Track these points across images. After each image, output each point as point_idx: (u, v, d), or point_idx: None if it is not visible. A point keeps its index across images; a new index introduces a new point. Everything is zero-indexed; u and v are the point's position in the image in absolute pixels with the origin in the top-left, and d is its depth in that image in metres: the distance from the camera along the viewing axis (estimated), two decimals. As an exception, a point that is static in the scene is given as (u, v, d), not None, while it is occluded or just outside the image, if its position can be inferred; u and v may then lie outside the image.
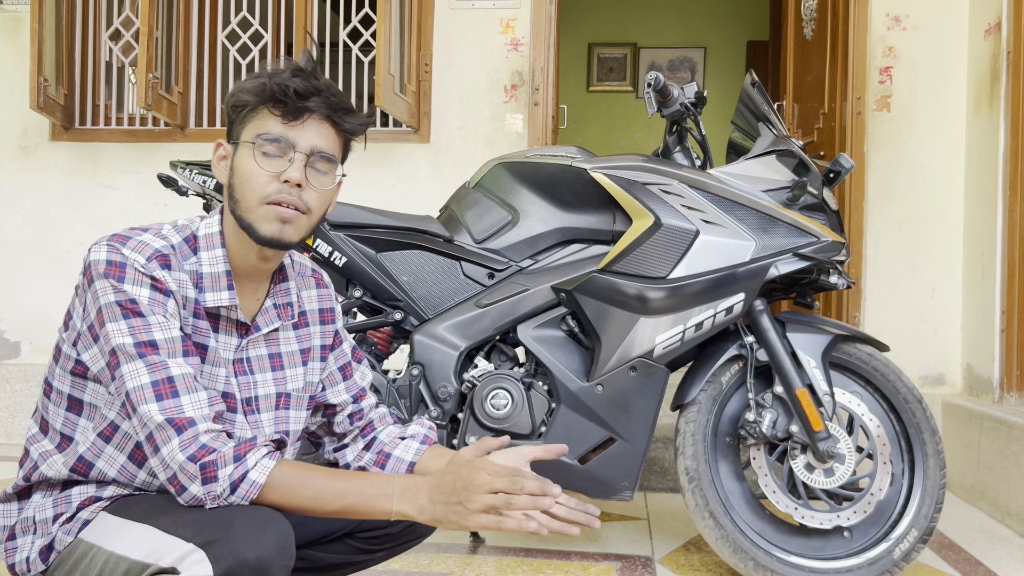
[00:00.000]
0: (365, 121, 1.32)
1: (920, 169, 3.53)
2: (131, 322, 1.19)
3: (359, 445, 1.50)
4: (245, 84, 1.27)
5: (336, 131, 1.29)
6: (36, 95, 3.58)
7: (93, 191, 3.87)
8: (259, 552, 1.09)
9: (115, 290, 1.19)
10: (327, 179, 1.29)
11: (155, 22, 3.51)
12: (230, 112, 1.30)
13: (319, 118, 1.27)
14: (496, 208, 2.28)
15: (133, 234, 1.25)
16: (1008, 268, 3.09)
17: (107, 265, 1.20)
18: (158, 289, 1.22)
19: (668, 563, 2.32)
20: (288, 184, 1.24)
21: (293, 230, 1.26)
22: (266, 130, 1.25)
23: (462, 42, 3.77)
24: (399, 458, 1.46)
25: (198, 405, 1.18)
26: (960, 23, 3.52)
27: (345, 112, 1.29)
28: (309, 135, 1.26)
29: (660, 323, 2.09)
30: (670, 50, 6.81)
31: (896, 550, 2.09)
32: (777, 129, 2.21)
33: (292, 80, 1.24)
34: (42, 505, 1.29)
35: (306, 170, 1.25)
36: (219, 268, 1.29)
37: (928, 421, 2.14)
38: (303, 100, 1.24)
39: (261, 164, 1.24)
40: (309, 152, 1.26)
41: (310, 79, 1.25)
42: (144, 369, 1.17)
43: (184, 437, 1.15)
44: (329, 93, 1.26)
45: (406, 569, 2.18)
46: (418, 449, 1.46)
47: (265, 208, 1.25)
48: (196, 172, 2.28)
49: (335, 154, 1.30)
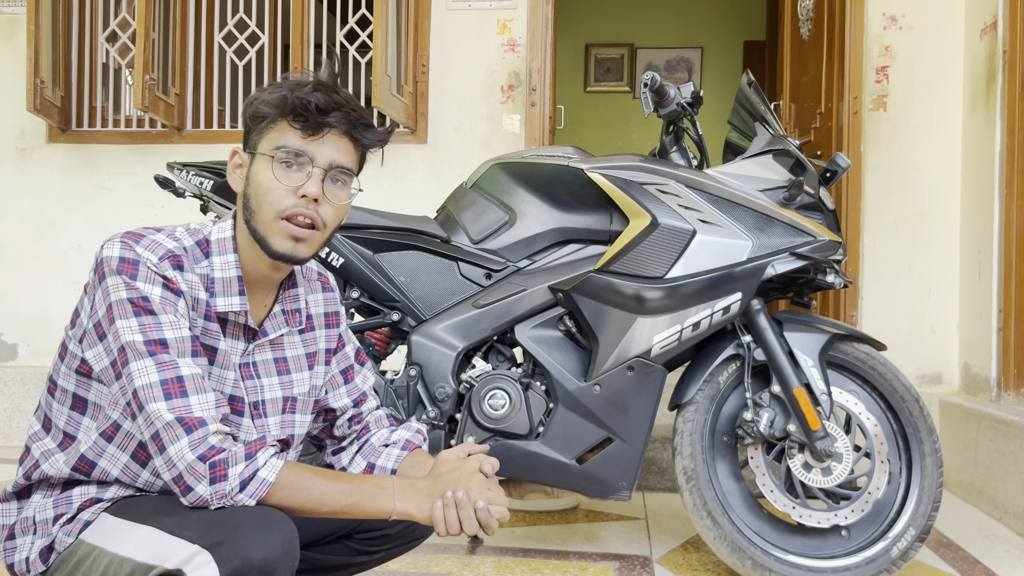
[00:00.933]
0: (384, 136, 1.33)
1: (917, 168, 3.53)
2: (142, 320, 1.19)
3: (354, 449, 1.51)
4: (265, 96, 1.27)
5: (355, 146, 1.30)
6: (33, 97, 3.58)
7: (90, 193, 3.86)
8: (265, 554, 1.09)
9: (127, 287, 1.20)
10: (344, 193, 1.30)
11: (151, 23, 3.51)
12: (248, 121, 1.30)
13: (338, 133, 1.27)
14: (493, 208, 2.28)
15: (147, 233, 1.25)
16: (1005, 267, 3.09)
17: (120, 262, 1.21)
18: (170, 289, 1.22)
19: (666, 563, 2.32)
20: (305, 199, 1.25)
21: (306, 248, 1.28)
22: (285, 143, 1.25)
23: (459, 43, 3.77)
24: (381, 467, 1.47)
25: (206, 406, 1.19)
26: (956, 22, 3.52)
27: (365, 127, 1.29)
28: (328, 149, 1.26)
29: (657, 323, 2.09)
30: (667, 50, 6.81)
31: (894, 549, 2.09)
32: (774, 129, 2.21)
33: (313, 95, 1.23)
34: (42, 505, 1.29)
35: (323, 184, 1.26)
36: (231, 273, 1.29)
37: (925, 420, 2.14)
38: (324, 115, 1.24)
39: (279, 177, 1.25)
40: (327, 167, 1.26)
41: (331, 94, 1.25)
42: (154, 367, 1.18)
43: (194, 437, 1.16)
44: (349, 108, 1.27)
45: (404, 570, 2.18)
46: (398, 456, 1.47)
47: (280, 224, 1.25)
48: (193, 174, 2.28)
49: (353, 168, 1.30)
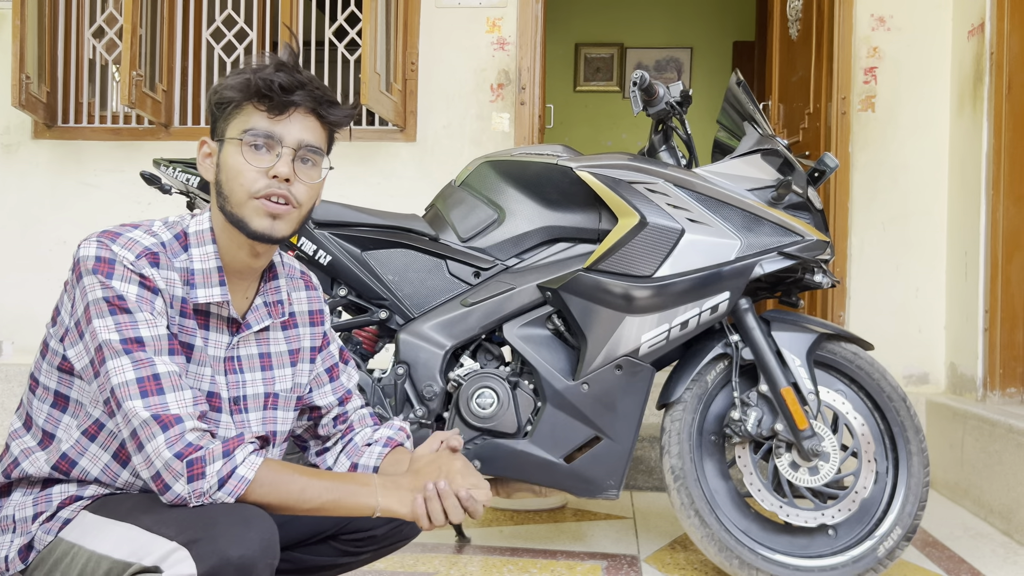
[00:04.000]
0: (349, 113, 1.33)
1: (904, 169, 3.55)
2: (118, 318, 1.19)
3: (338, 448, 1.51)
4: (228, 81, 1.27)
5: (321, 123, 1.30)
6: (18, 92, 3.55)
7: (76, 189, 3.83)
8: (243, 551, 1.08)
9: (103, 286, 1.19)
10: (315, 172, 1.30)
11: (139, 19, 3.48)
12: (214, 109, 1.29)
13: (304, 111, 1.27)
14: (482, 207, 2.27)
15: (123, 231, 1.25)
16: (991, 268, 3.11)
17: (96, 261, 1.20)
18: (146, 287, 1.22)
19: (654, 562, 2.32)
20: (277, 179, 1.25)
21: (284, 224, 1.27)
22: (252, 126, 1.25)
23: (448, 41, 3.76)
24: (364, 465, 1.46)
25: (183, 403, 1.18)
26: (944, 24, 3.54)
27: (330, 104, 1.29)
28: (295, 129, 1.26)
29: (646, 322, 2.09)
30: (657, 50, 6.82)
31: (880, 548, 2.10)
32: (762, 128, 2.21)
33: (276, 75, 1.24)
34: (22, 503, 1.28)
35: (294, 164, 1.26)
36: (211, 264, 1.29)
37: (912, 419, 2.15)
38: (288, 94, 1.25)
39: (249, 160, 1.25)
40: (296, 146, 1.26)
41: (293, 73, 1.26)
42: (130, 365, 1.17)
43: (170, 434, 1.15)
44: (313, 86, 1.27)
45: (391, 569, 2.17)
46: (380, 453, 1.47)
47: (254, 203, 1.25)
48: (179, 170, 2.26)
49: (321, 146, 1.31)
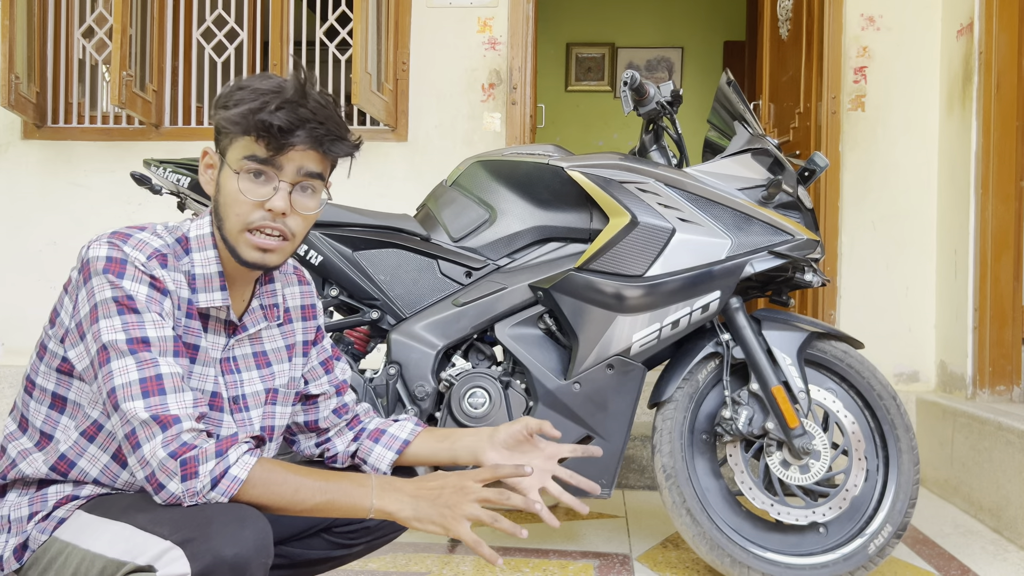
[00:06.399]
0: (351, 149, 1.29)
1: (894, 168, 3.56)
2: (125, 318, 1.18)
3: (348, 435, 1.52)
4: (230, 112, 1.22)
5: (323, 156, 1.27)
6: (7, 92, 3.53)
7: (66, 190, 3.82)
8: (237, 550, 1.08)
9: (112, 286, 1.19)
10: (313, 202, 1.27)
11: (129, 19, 3.47)
12: (216, 124, 1.27)
13: (305, 147, 1.24)
14: (473, 207, 2.28)
15: (133, 232, 1.25)
16: (981, 266, 3.13)
17: (107, 261, 1.20)
18: (156, 288, 1.22)
19: (646, 560, 2.32)
20: (272, 212, 1.23)
21: (276, 256, 1.27)
22: (251, 153, 1.22)
23: (440, 41, 3.76)
24: (394, 435, 1.48)
25: (183, 404, 1.18)
26: (933, 24, 3.55)
27: (332, 141, 1.25)
28: (295, 162, 1.24)
29: (637, 321, 2.09)
30: (648, 50, 6.83)
31: (871, 545, 2.11)
32: (753, 128, 2.22)
33: (276, 116, 1.19)
34: (17, 503, 1.27)
35: (292, 195, 1.24)
36: (211, 269, 1.29)
37: (902, 418, 2.16)
38: (288, 136, 1.21)
39: (245, 191, 1.23)
40: (294, 180, 1.24)
41: (296, 110, 1.21)
42: (134, 366, 1.17)
43: (167, 434, 1.15)
44: (316, 123, 1.22)
45: (384, 569, 2.17)
46: (412, 430, 1.49)
47: (246, 236, 1.24)
48: (170, 171, 2.26)
49: (322, 172, 1.28)
